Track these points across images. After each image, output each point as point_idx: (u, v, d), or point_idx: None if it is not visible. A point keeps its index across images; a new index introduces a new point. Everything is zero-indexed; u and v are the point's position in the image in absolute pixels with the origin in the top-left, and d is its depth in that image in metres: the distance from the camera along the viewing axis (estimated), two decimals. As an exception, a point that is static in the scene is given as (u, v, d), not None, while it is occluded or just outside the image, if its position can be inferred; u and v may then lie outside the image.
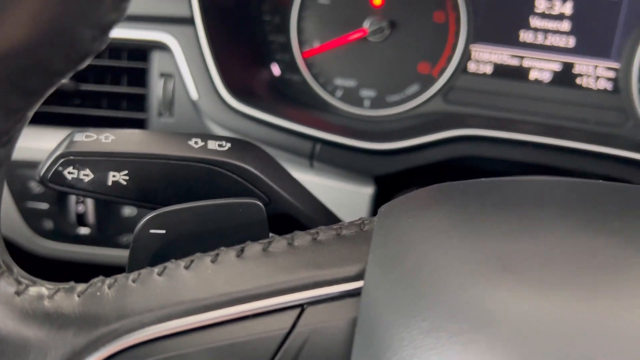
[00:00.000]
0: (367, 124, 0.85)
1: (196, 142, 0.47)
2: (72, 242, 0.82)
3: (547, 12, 0.81)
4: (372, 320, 0.29)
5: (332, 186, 0.77)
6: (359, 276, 0.32)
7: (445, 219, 0.33)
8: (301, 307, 0.31)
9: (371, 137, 0.74)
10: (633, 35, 0.79)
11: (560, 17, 0.81)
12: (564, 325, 0.25)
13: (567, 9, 0.81)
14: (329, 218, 0.54)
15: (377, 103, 0.86)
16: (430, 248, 0.31)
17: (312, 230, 0.36)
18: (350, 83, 0.86)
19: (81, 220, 0.81)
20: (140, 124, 0.80)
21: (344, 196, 0.77)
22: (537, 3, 0.81)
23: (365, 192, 0.76)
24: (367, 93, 0.86)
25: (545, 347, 0.24)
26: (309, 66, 0.87)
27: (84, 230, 0.81)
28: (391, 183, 0.79)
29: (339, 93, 0.87)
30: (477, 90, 0.85)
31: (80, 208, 0.80)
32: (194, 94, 0.74)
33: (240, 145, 0.49)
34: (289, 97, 0.88)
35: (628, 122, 0.82)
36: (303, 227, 0.41)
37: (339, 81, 0.87)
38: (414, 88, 0.85)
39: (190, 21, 0.73)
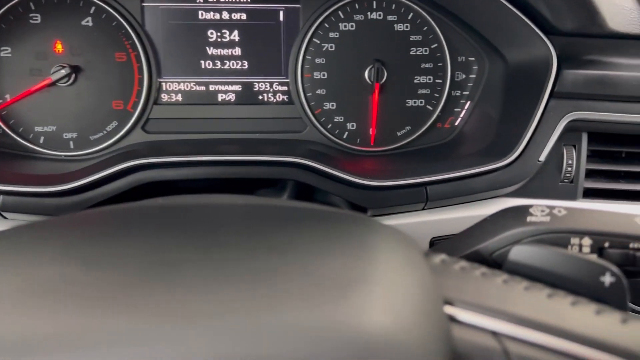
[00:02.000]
0: (75, 164, 0.88)
1: None
2: None
3: (219, 41, 0.91)
4: None
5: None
6: None
7: None
8: None
9: (57, 179, 0.78)
10: (293, 53, 0.92)
11: (232, 44, 0.91)
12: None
13: (236, 36, 0.91)
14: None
15: (81, 143, 0.90)
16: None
17: None
18: (50, 128, 0.89)
19: None
20: None
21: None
22: (209, 33, 0.91)
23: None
24: (70, 135, 0.90)
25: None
26: (5, 118, 0.88)
27: None
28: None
29: (42, 139, 0.89)
30: (173, 118, 0.92)
31: None
32: None
33: None
34: (-6, 150, 0.89)
35: (306, 128, 0.94)
36: None
37: (39, 128, 0.89)
38: (113, 124, 0.90)
39: None
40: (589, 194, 0.86)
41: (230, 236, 0.41)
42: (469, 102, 0.96)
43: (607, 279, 0.45)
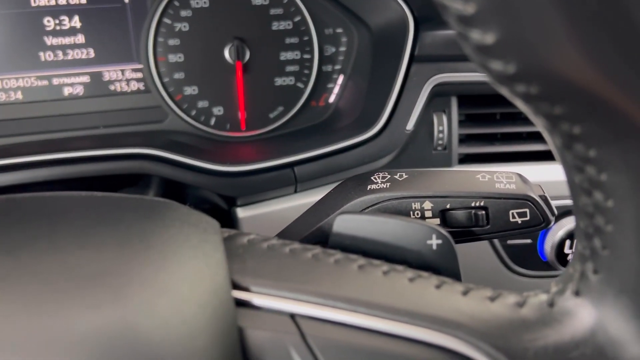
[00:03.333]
0: None
1: None
2: None
3: (59, 29, 0.82)
4: None
5: None
6: None
7: None
8: None
9: None
10: (143, 35, 0.84)
11: (73, 31, 0.83)
12: None
13: (77, 23, 0.82)
14: None
15: None
16: None
17: None
18: None
19: None
20: None
21: None
22: (45, 21, 0.81)
23: None
24: None
25: None
26: None
27: None
28: None
29: None
30: (14, 119, 0.82)
31: None
32: None
33: None
34: None
35: (168, 117, 0.87)
36: None
37: None
38: (-58, 131, 0.80)
39: None
40: (466, 160, 0.84)
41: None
42: (341, 77, 0.91)
43: (434, 242, 0.41)
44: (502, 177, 0.50)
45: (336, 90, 0.91)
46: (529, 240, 0.85)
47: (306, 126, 0.92)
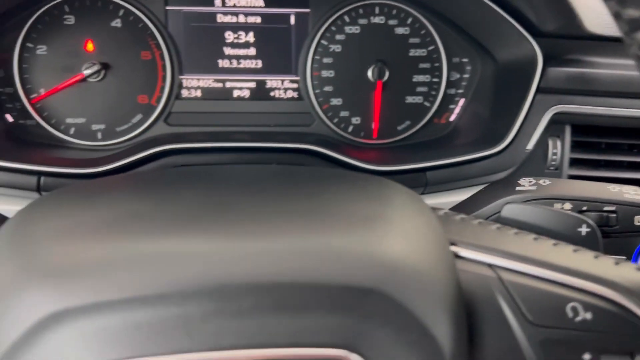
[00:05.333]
0: (102, 154, 0.96)
1: None
2: None
3: (235, 42, 1.00)
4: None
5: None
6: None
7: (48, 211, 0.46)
8: None
9: (91, 163, 0.86)
10: (303, 53, 1.01)
11: (247, 44, 1.00)
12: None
13: (251, 38, 1.00)
14: None
15: (108, 134, 0.98)
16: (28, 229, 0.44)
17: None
18: (80, 120, 0.97)
19: None
20: None
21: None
22: (226, 35, 0.99)
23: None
24: (98, 127, 0.98)
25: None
26: (40, 111, 0.96)
27: None
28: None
29: (72, 130, 0.97)
30: (193, 112, 1.00)
31: None
32: None
33: None
34: (27, 140, 0.96)
35: (314, 122, 1.03)
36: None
37: (70, 120, 0.97)
38: (138, 117, 0.98)
39: None
40: (572, 181, 0.95)
41: (277, 188, 0.49)
42: (462, 100, 1.05)
43: (584, 230, 0.54)
44: (629, 189, 0.62)
45: (457, 111, 1.05)
46: (623, 258, 0.96)
47: (427, 140, 1.06)
